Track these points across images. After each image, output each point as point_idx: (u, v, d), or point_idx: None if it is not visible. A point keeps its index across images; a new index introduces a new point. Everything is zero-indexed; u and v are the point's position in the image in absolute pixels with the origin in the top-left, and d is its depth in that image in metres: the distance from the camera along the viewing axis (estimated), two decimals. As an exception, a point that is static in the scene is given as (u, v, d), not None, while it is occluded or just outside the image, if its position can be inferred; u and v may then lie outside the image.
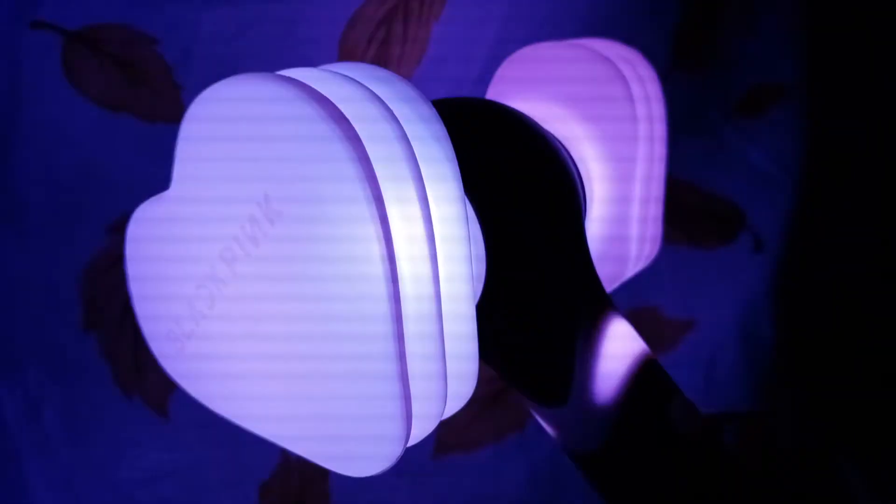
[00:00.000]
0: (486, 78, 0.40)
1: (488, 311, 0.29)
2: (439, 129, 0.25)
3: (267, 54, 0.40)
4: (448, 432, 0.51)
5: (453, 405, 0.27)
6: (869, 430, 0.54)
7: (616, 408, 0.30)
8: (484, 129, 0.31)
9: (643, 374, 0.30)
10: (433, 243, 0.24)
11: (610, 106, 0.35)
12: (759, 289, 0.56)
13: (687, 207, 0.54)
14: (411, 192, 0.23)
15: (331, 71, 0.25)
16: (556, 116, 0.35)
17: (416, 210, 0.23)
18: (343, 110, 0.23)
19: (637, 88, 0.36)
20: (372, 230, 0.22)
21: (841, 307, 0.57)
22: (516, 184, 0.31)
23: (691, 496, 0.30)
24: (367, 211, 0.22)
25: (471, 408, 0.51)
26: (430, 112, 0.25)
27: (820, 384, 0.57)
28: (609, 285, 0.38)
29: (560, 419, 0.31)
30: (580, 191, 0.33)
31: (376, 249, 0.22)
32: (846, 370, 0.57)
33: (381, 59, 0.43)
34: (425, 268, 0.24)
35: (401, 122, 0.24)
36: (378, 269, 0.22)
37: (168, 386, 0.43)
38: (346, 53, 0.42)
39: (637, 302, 0.55)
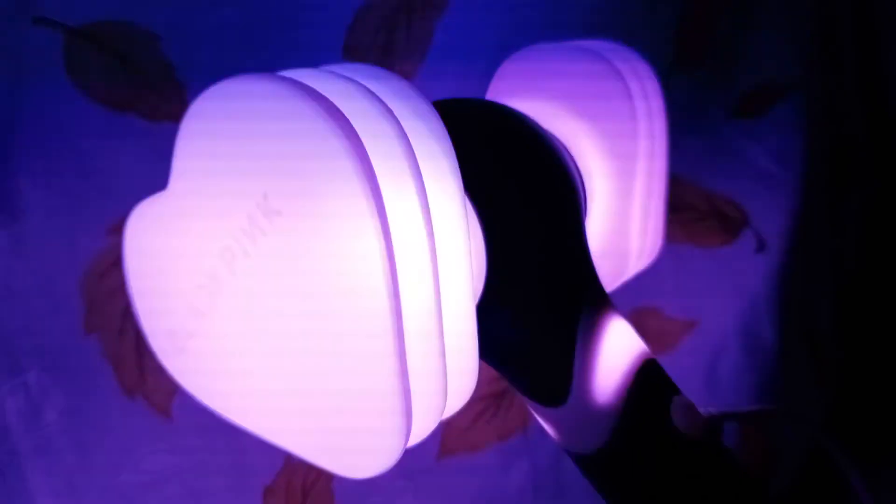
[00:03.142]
0: (488, 76, 0.40)
1: (488, 310, 0.29)
2: (437, 127, 0.25)
3: (271, 52, 0.40)
4: (452, 434, 0.51)
5: (454, 404, 0.27)
6: (868, 430, 0.54)
7: (615, 408, 0.30)
8: (483, 128, 0.32)
9: (642, 374, 0.30)
10: (432, 239, 0.24)
11: (608, 103, 0.36)
12: (760, 289, 0.56)
13: (689, 207, 0.54)
14: (410, 188, 0.23)
15: (330, 71, 0.25)
16: (555, 115, 0.35)
17: (415, 205, 0.23)
18: (341, 108, 0.23)
19: (635, 85, 0.36)
20: (370, 225, 0.22)
21: (841, 307, 0.57)
22: (515, 183, 0.31)
23: (691, 496, 0.30)
24: (365, 206, 0.22)
25: (474, 409, 0.51)
26: (428, 109, 0.25)
27: (820, 384, 0.57)
28: (613, 281, 0.38)
29: (560, 419, 0.31)
30: (580, 190, 0.33)
31: (375, 245, 0.22)
32: (847, 370, 0.57)
33: (384, 57, 0.43)
34: (425, 264, 0.24)
35: (399, 119, 0.24)
36: (377, 264, 0.22)
37: (171, 389, 0.43)
38: (351, 51, 0.42)
39: (639, 302, 0.54)
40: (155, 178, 0.29)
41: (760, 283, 0.56)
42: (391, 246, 0.22)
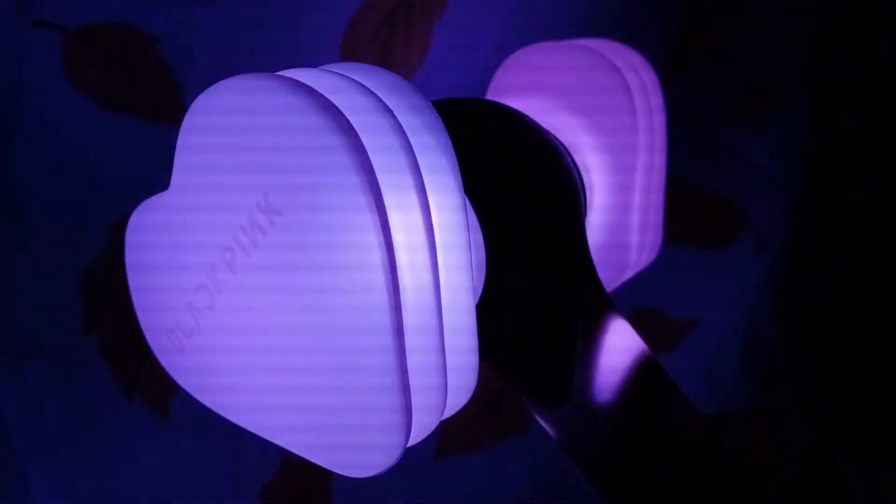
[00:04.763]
0: (488, 75, 0.40)
1: (488, 310, 0.29)
2: (437, 126, 0.25)
3: (269, 54, 0.40)
4: (450, 434, 0.51)
5: (455, 402, 0.27)
6: (869, 429, 0.54)
7: (615, 407, 0.30)
8: (483, 128, 0.31)
9: (643, 374, 0.30)
10: (432, 235, 0.24)
11: (607, 97, 0.35)
12: (761, 288, 0.56)
13: (689, 207, 0.54)
14: (409, 186, 0.23)
15: (334, 72, 0.25)
16: (555, 112, 0.35)
17: (414, 204, 0.23)
18: (340, 107, 0.23)
19: (633, 79, 0.36)
20: (370, 221, 0.22)
21: (842, 307, 0.57)
22: (515, 184, 0.31)
23: (690, 496, 0.30)
24: (364, 203, 0.22)
25: (472, 409, 0.51)
26: (427, 109, 0.25)
27: (821, 384, 0.57)
28: (614, 279, 0.38)
29: (560, 419, 0.31)
30: (580, 190, 0.33)
31: (377, 257, 0.22)
32: (847, 370, 0.57)
33: (383, 59, 0.43)
34: (424, 260, 0.24)
35: (398, 118, 0.24)
36: (379, 277, 0.22)
37: (169, 387, 0.43)
38: (348, 54, 0.42)
39: (640, 302, 0.54)
40: (154, 178, 0.29)
41: (760, 283, 0.56)
42: (391, 242, 0.22)
